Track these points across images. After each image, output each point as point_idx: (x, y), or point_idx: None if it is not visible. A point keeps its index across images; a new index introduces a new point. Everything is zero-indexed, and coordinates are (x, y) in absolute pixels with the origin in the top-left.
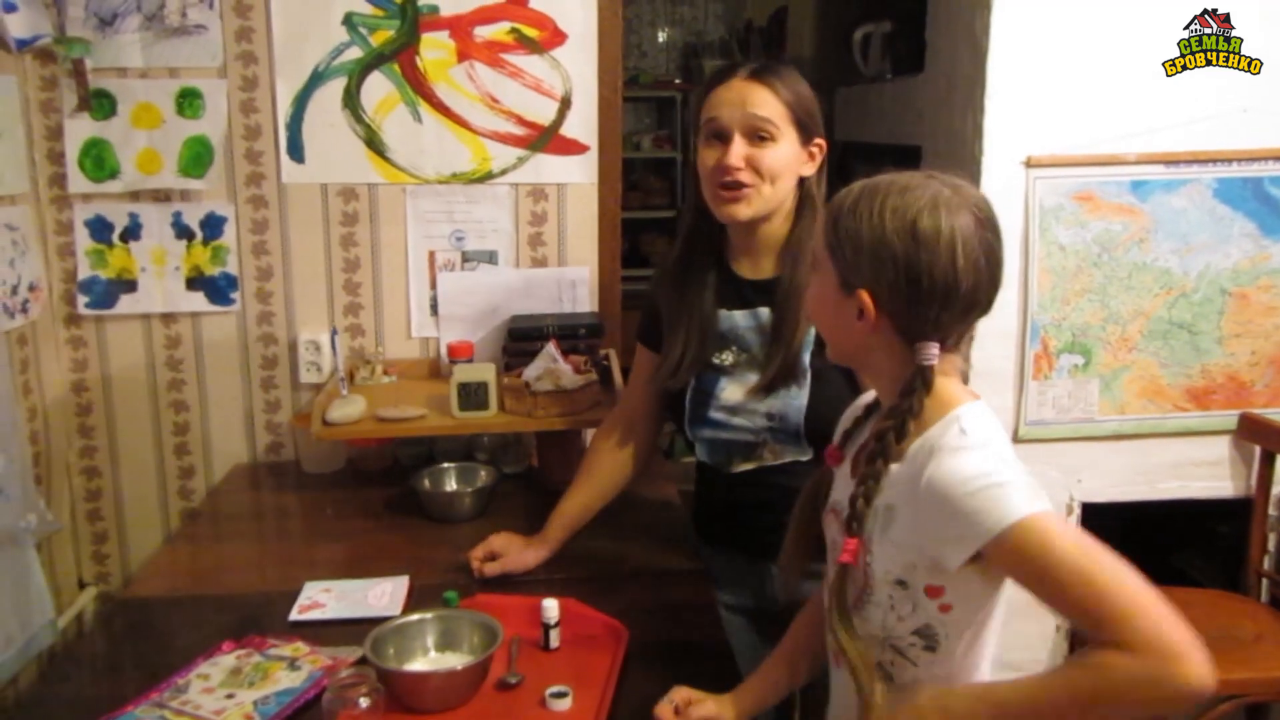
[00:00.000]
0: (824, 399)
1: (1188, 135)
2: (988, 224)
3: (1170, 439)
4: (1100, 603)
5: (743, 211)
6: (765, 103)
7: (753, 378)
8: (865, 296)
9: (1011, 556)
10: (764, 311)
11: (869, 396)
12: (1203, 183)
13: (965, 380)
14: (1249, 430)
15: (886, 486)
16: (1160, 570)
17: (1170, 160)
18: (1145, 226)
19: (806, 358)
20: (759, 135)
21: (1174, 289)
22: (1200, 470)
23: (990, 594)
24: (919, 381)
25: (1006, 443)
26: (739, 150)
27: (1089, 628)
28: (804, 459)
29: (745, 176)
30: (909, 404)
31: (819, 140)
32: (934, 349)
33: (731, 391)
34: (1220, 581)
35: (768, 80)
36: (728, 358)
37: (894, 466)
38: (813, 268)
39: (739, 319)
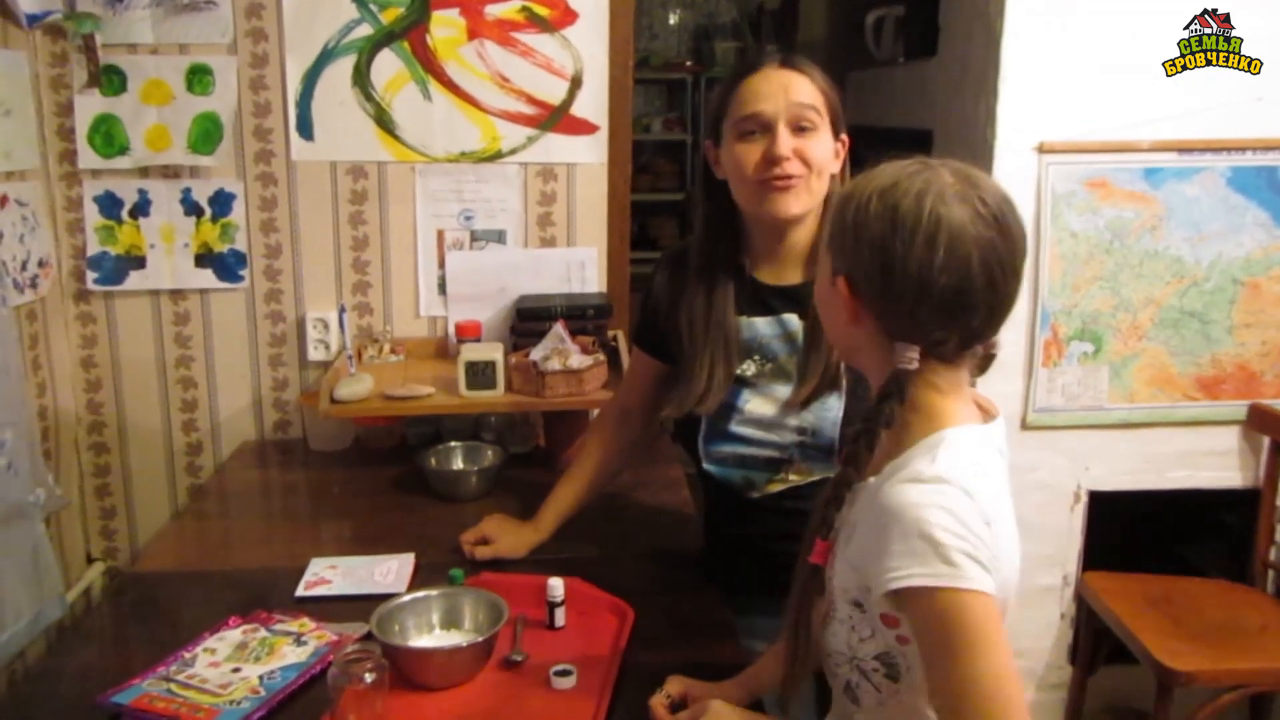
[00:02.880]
0: (860, 411)
1: (1202, 123)
2: (992, 222)
3: (1179, 428)
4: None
5: (794, 205)
6: (806, 90)
7: (779, 388)
8: (842, 284)
9: (908, 611)
10: (791, 319)
11: None
12: (1216, 171)
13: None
14: (1258, 421)
15: (856, 499)
16: (1166, 560)
17: (1184, 148)
18: (1158, 214)
19: (843, 366)
20: (802, 125)
21: (1185, 277)
22: (1209, 460)
23: None
24: (893, 387)
25: (978, 478)
26: (786, 137)
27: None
28: (833, 475)
29: (795, 167)
30: (880, 411)
31: (844, 136)
32: (911, 352)
33: (757, 404)
34: (1227, 572)
35: (801, 67)
36: (750, 368)
37: (871, 479)
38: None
39: (761, 327)
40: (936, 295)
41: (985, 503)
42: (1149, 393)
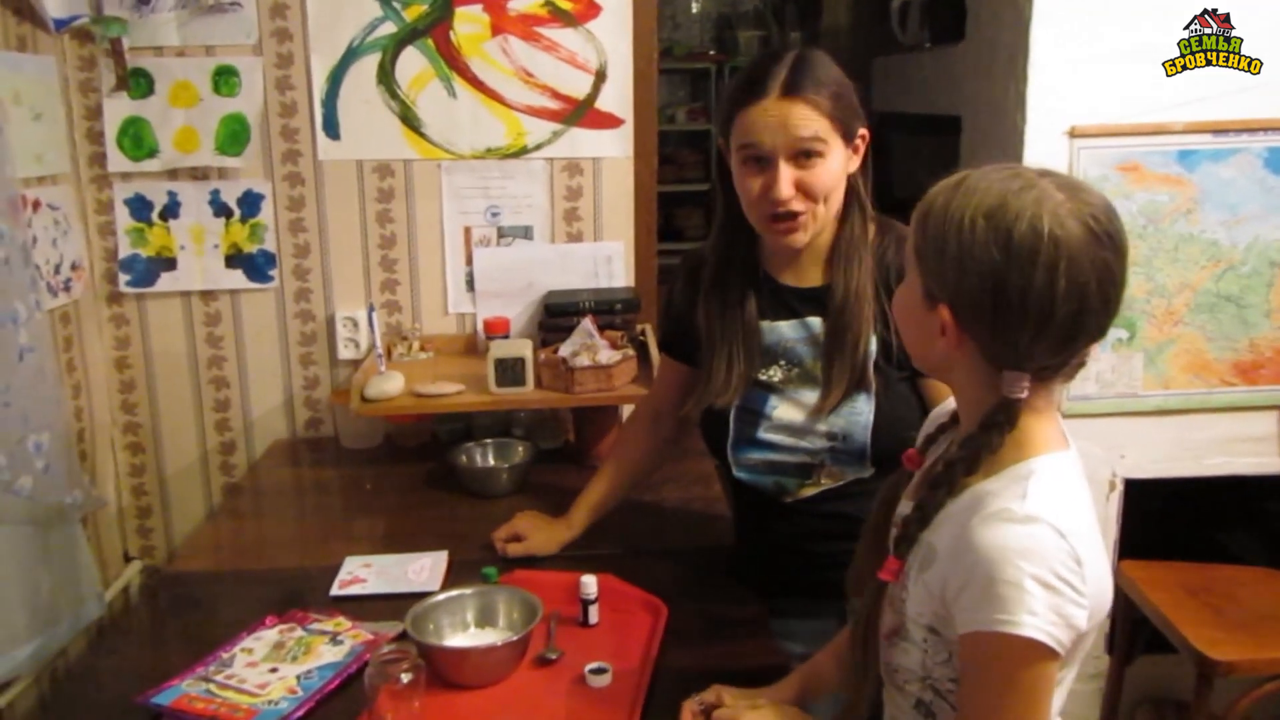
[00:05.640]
0: (891, 414)
1: (1236, 103)
2: (1105, 240)
3: (1216, 414)
4: None
5: (799, 240)
6: (807, 120)
7: (806, 393)
8: (945, 313)
9: (971, 654)
10: (815, 321)
11: (952, 404)
12: (1252, 152)
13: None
14: None
15: (939, 521)
16: (1205, 548)
17: (1218, 129)
18: (1192, 197)
19: (870, 368)
20: (804, 154)
21: (1221, 261)
22: (1246, 446)
23: None
24: (1002, 416)
25: (1072, 512)
26: (787, 177)
27: None
28: (866, 476)
29: (797, 204)
30: (988, 439)
31: (862, 132)
32: (1023, 381)
33: (785, 410)
34: (1266, 559)
35: (804, 95)
36: (776, 374)
37: (950, 503)
38: (904, 269)
39: (786, 330)
40: (1055, 324)
41: (1075, 539)
42: (1185, 379)
